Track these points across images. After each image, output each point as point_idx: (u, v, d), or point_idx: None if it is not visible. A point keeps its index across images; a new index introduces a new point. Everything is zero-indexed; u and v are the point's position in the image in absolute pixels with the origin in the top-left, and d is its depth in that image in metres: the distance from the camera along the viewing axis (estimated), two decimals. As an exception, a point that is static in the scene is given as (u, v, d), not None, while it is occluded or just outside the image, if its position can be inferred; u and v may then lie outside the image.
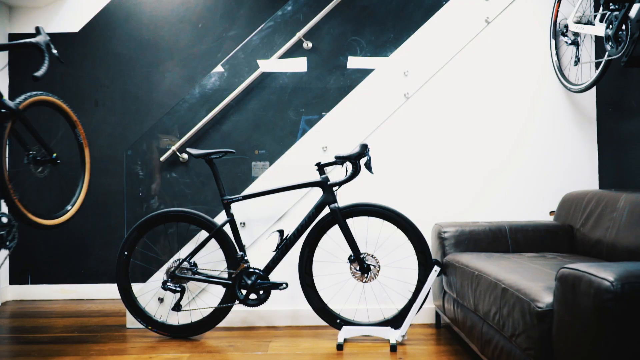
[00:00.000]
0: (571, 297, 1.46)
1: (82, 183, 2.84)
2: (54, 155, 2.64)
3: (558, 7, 3.07)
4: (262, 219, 3.13)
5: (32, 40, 2.47)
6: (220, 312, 2.86)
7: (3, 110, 2.32)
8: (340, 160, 2.74)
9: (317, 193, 3.03)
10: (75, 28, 4.02)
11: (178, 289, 2.81)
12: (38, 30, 2.55)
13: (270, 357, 2.55)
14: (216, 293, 3.03)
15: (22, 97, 2.47)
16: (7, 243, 2.26)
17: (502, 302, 1.90)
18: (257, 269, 2.80)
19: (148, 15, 4.02)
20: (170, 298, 3.04)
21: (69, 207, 2.76)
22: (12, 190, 2.34)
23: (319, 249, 2.87)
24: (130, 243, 2.90)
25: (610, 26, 2.40)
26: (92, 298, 3.97)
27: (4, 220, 2.26)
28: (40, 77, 2.37)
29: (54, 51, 2.56)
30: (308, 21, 3.56)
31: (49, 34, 3.97)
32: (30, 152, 2.55)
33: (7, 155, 2.36)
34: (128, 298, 2.91)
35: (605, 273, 1.34)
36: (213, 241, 2.88)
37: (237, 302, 2.81)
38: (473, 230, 2.76)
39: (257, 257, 3.04)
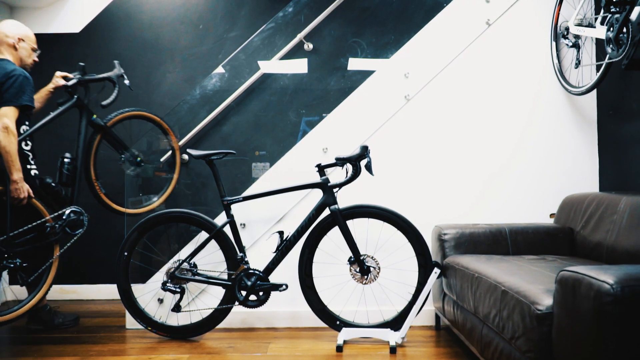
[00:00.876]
0: (571, 300, 1.46)
1: (172, 180, 3.34)
2: (139, 159, 3.28)
3: (559, 10, 3.07)
4: (262, 220, 3.13)
5: (107, 74, 3.07)
6: (220, 313, 2.86)
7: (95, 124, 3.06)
8: (340, 161, 2.74)
9: (317, 194, 3.03)
10: (77, 29, 4.02)
11: (178, 289, 2.81)
12: (114, 65, 3.13)
13: (270, 358, 2.55)
14: (216, 294, 3.02)
15: (112, 114, 3.13)
16: (76, 230, 2.90)
17: (502, 305, 1.90)
18: (257, 270, 2.80)
19: (149, 16, 4.02)
20: (170, 299, 3.03)
21: (155, 198, 3.33)
22: (98, 187, 3.09)
23: (319, 250, 2.87)
24: (130, 244, 2.90)
25: (611, 29, 2.40)
26: (92, 299, 3.96)
27: (75, 212, 2.89)
28: (107, 106, 3.01)
29: (126, 81, 3.12)
30: (309, 23, 3.57)
31: (50, 35, 4.00)
32: (122, 156, 3.22)
33: (93, 161, 3.07)
34: (128, 299, 2.91)
35: (605, 276, 1.34)
36: (213, 242, 2.88)
37: (236, 303, 2.81)
38: (473, 232, 2.76)
39: (257, 258, 3.04)
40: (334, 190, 2.78)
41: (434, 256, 2.84)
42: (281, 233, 2.82)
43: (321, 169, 2.79)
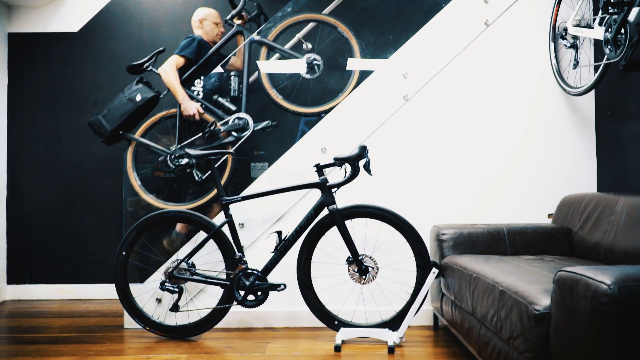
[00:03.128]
0: (569, 300, 1.47)
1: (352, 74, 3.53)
2: (314, 62, 3.51)
3: (557, 10, 3.07)
4: (261, 220, 3.13)
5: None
6: (218, 313, 2.86)
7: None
8: (339, 161, 2.74)
9: (315, 194, 3.03)
10: (75, 28, 4.02)
11: (176, 289, 2.81)
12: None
13: (268, 358, 2.55)
14: (214, 294, 3.02)
15: (270, 28, 3.52)
16: (241, 132, 3.30)
17: (500, 305, 1.90)
18: (256, 270, 2.80)
19: (148, 16, 4.02)
20: (168, 299, 3.03)
21: (340, 95, 3.47)
22: (274, 94, 3.50)
23: (317, 250, 2.87)
24: (128, 243, 2.90)
25: (609, 30, 2.40)
26: (90, 298, 3.96)
27: (239, 118, 3.30)
28: (231, 18, 3.53)
29: None
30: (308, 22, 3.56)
31: (49, 34, 3.99)
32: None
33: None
34: (126, 298, 2.91)
35: (602, 276, 1.35)
36: (211, 242, 2.88)
37: (235, 303, 2.81)
38: (471, 232, 2.77)
39: (256, 258, 3.04)
40: (333, 190, 2.78)
41: (432, 256, 2.85)
42: (279, 233, 2.82)
43: (320, 169, 2.79)
